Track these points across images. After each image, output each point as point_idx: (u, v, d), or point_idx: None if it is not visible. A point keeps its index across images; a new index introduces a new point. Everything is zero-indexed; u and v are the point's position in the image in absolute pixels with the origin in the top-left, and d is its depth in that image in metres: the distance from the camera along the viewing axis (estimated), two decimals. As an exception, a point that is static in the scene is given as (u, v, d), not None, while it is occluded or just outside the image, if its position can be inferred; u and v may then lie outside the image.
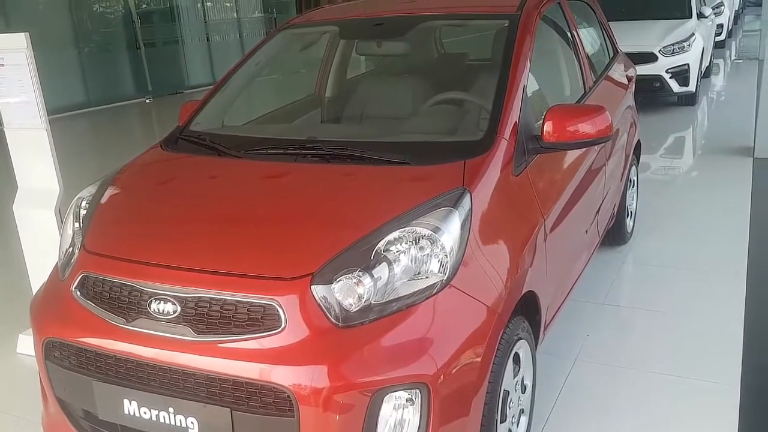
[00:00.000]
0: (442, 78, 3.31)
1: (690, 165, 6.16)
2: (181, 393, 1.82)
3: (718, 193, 4.98)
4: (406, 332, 1.79)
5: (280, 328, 1.75)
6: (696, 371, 2.77)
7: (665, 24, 8.03)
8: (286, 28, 3.28)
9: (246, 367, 1.73)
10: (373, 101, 3.20)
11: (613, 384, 2.73)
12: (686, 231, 4.29)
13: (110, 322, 1.91)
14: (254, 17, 15.31)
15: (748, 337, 3.00)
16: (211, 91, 3.02)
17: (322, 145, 2.41)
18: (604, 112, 2.43)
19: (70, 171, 3.55)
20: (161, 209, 2.29)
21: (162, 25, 13.07)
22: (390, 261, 1.84)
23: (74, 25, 11.24)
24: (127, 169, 2.59)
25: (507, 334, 2.01)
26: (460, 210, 1.96)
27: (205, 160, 2.54)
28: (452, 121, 2.73)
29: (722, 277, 3.61)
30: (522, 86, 2.44)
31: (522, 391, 2.25)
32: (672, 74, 7.58)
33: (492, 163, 2.18)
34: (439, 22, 3.35)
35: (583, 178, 2.87)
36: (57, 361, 2.03)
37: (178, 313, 1.83)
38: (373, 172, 2.24)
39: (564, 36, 3.29)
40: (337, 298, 1.79)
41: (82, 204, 2.36)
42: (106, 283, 1.98)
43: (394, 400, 1.74)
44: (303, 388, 1.69)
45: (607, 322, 3.22)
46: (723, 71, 11.24)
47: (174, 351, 1.81)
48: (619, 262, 3.89)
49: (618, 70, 3.95)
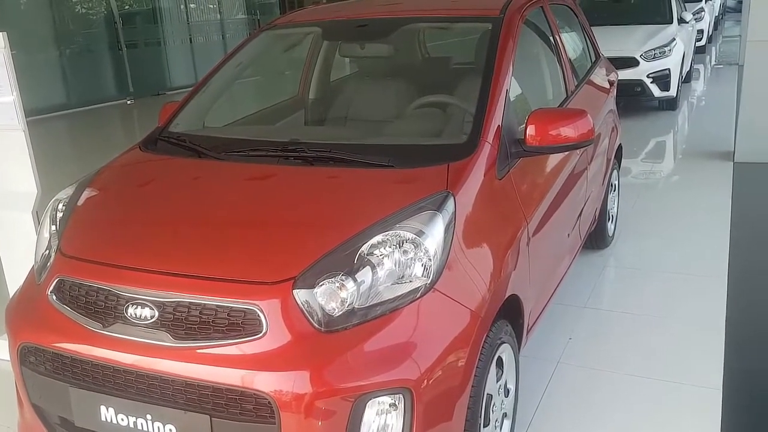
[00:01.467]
0: (426, 81, 3.31)
1: (671, 169, 6.21)
2: (159, 400, 1.79)
3: (698, 197, 5.03)
4: (390, 337, 1.77)
5: (261, 334, 1.72)
6: (678, 374, 2.78)
7: (647, 29, 8.10)
8: (269, 29, 3.25)
9: (226, 374, 1.70)
10: (357, 103, 3.18)
11: (595, 387, 2.74)
12: (667, 234, 4.33)
13: (87, 327, 1.87)
14: (237, 18, 15.25)
15: (729, 339, 3.02)
16: (191, 92, 2.99)
17: (305, 147, 2.39)
18: (586, 116, 2.43)
19: (49, 173, 3.50)
20: (139, 212, 2.25)
21: (144, 26, 12.97)
22: (374, 265, 1.82)
23: (55, 26, 11.12)
24: (104, 170, 2.55)
25: (490, 338, 2.00)
26: (443, 213, 1.95)
27: (185, 161, 2.51)
28: (436, 124, 2.73)
29: (703, 279, 3.63)
30: (505, 90, 2.43)
31: (505, 395, 2.24)
32: (653, 79, 7.66)
33: (476, 166, 2.18)
34: (422, 24, 3.34)
35: (565, 181, 2.88)
36: (32, 367, 1.99)
37: (155, 318, 1.80)
38: (356, 175, 2.22)
39: (546, 40, 3.29)
40: (320, 302, 1.77)
41: (59, 206, 2.32)
42: (83, 287, 1.94)
43: (377, 405, 1.73)
44: (284, 394, 1.66)
45: (589, 325, 3.23)
46: (703, 76, 11.37)
47: (152, 357, 1.77)
48: (600, 266, 3.91)
49: (600, 75, 3.97)
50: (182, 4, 13.62)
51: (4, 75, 2.86)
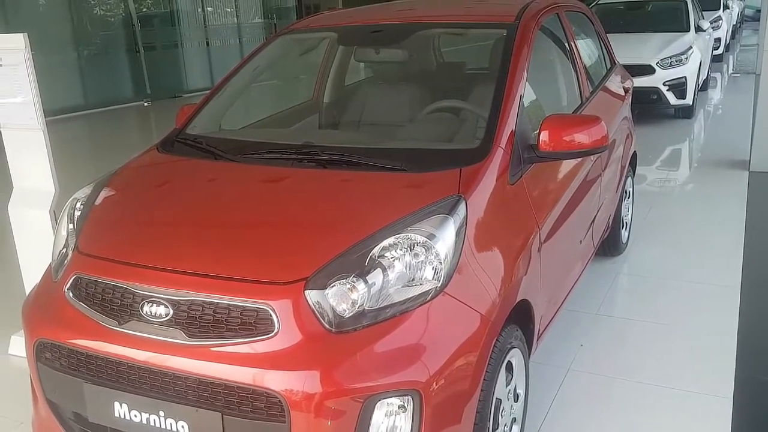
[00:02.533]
0: (440, 86, 3.32)
1: (686, 177, 6.18)
2: (172, 396, 1.81)
3: (713, 206, 5.00)
4: (399, 339, 1.78)
5: (273, 333, 1.74)
6: (689, 383, 2.76)
7: (663, 37, 8.07)
8: (285, 33, 3.29)
9: (238, 372, 1.72)
10: (371, 108, 3.20)
11: (606, 395, 2.73)
12: (681, 243, 4.30)
13: (102, 324, 1.90)
14: (254, 23, 15.36)
15: (741, 349, 3.00)
16: (208, 95, 3.02)
17: (319, 151, 2.41)
18: (600, 123, 2.43)
19: (66, 172, 3.55)
20: (155, 212, 2.28)
21: (162, 28, 13.10)
22: (384, 267, 1.84)
23: (74, 28, 11.26)
24: (122, 171, 2.58)
25: (500, 342, 2.00)
26: (455, 217, 1.96)
27: (201, 163, 2.54)
28: (449, 129, 2.74)
29: (716, 289, 3.61)
30: (519, 95, 2.44)
31: (514, 400, 2.25)
32: (669, 87, 7.62)
33: (488, 171, 2.19)
34: (437, 30, 3.36)
35: (578, 188, 2.88)
36: (48, 363, 2.02)
37: (170, 316, 1.83)
38: (369, 178, 2.24)
39: (562, 46, 3.30)
40: (331, 303, 1.78)
41: (76, 205, 2.35)
42: (99, 284, 1.97)
43: (386, 406, 1.74)
44: (295, 394, 1.68)
45: (601, 333, 3.22)
46: (720, 85, 11.30)
47: (166, 354, 1.80)
48: (613, 273, 3.89)
49: (615, 82, 3.96)
50: (200, 7, 13.75)
51: (24, 76, 2.92)
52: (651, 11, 9.10)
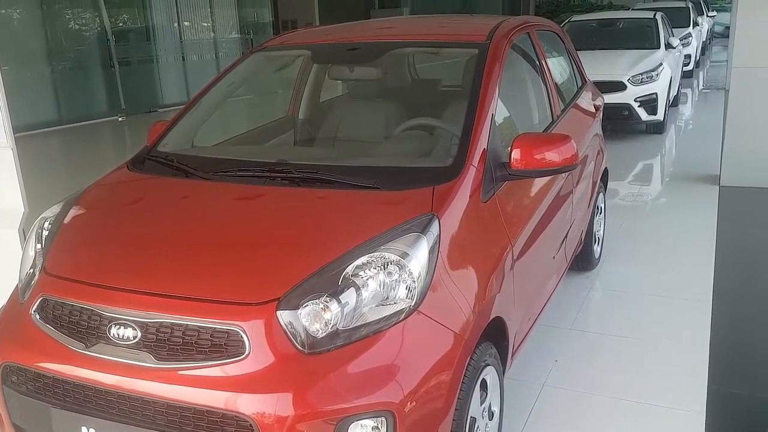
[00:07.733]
0: (413, 104, 3.34)
1: (657, 192, 6.27)
2: (140, 421, 1.78)
3: (684, 220, 5.08)
4: (373, 359, 1.78)
5: (244, 355, 1.72)
6: (662, 397, 2.79)
7: (634, 54, 8.22)
8: (259, 51, 3.28)
9: (208, 395, 1.70)
10: (345, 125, 3.20)
11: (580, 410, 2.74)
12: (653, 257, 4.36)
13: (69, 347, 1.87)
14: (231, 38, 15.32)
15: (713, 362, 3.03)
16: (180, 112, 3.00)
17: (293, 169, 2.40)
18: (570, 141, 2.46)
19: (37, 190, 3.49)
20: (124, 231, 2.25)
21: (137, 43, 13.00)
22: (358, 286, 1.83)
23: (48, 42, 11.12)
24: (91, 189, 2.55)
25: (474, 360, 2.00)
26: (428, 235, 1.97)
27: (173, 181, 2.51)
28: (422, 147, 2.75)
29: (688, 302, 3.66)
30: (491, 114, 2.46)
31: (489, 418, 2.24)
32: (640, 103, 7.75)
33: (461, 189, 2.20)
34: (410, 49, 3.38)
35: (550, 204, 2.90)
36: (14, 387, 1.98)
37: (138, 339, 1.80)
38: (342, 196, 2.24)
39: (533, 65, 3.34)
40: (304, 323, 1.77)
41: (44, 225, 2.31)
42: (66, 306, 1.94)
43: (360, 428, 1.72)
44: (266, 417, 1.66)
45: (575, 348, 3.24)
46: (690, 100, 11.51)
47: (134, 378, 1.77)
48: (586, 288, 3.93)
49: (586, 99, 4.02)
50: (176, 22, 13.68)
51: (-7, 93, 2.88)
52: (622, 29, 9.28)
